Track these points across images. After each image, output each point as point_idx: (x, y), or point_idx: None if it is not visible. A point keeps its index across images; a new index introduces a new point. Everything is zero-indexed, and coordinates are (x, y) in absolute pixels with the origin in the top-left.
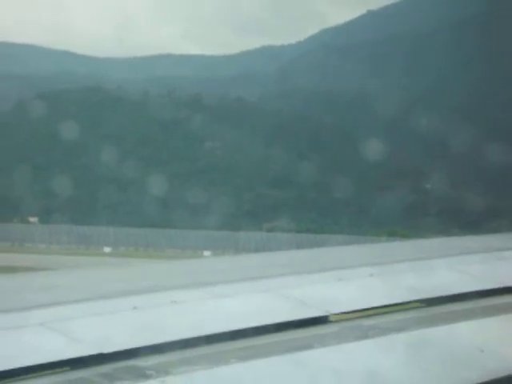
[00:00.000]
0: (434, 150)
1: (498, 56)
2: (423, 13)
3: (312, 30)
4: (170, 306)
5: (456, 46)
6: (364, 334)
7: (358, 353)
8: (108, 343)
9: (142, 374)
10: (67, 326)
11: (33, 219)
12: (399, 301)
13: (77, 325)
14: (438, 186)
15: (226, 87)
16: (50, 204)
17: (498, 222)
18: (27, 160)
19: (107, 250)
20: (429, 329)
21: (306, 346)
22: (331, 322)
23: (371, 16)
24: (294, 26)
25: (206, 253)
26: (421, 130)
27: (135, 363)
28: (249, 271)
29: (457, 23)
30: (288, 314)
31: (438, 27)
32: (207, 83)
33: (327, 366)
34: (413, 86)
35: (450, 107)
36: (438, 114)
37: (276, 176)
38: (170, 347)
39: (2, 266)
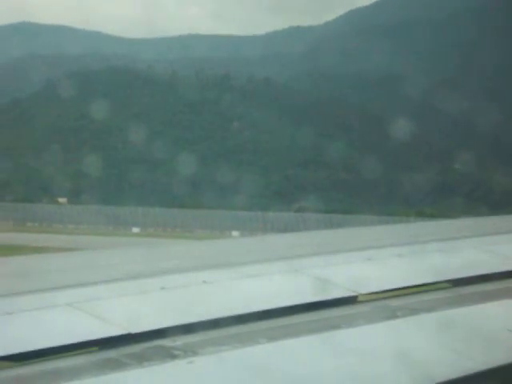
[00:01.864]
0: (462, 131)
1: None
2: None
3: (340, 10)
4: (199, 286)
5: (487, 28)
6: (392, 314)
7: (387, 333)
8: (136, 323)
9: (170, 354)
10: (95, 306)
11: (62, 200)
12: (428, 281)
13: (105, 305)
14: (468, 167)
15: (254, 67)
16: (79, 184)
17: None
18: (56, 140)
19: (135, 230)
20: (457, 309)
21: (335, 325)
22: (360, 301)
23: None
24: (322, 6)
25: (235, 233)
26: (449, 111)
27: (163, 343)
28: (278, 251)
29: (489, 4)
30: (317, 294)
31: (469, 8)
32: (235, 63)
33: (356, 346)
34: (441, 67)
35: (478, 89)
36: (466, 96)
37: (304, 156)
38: (198, 327)
39: (32, 246)
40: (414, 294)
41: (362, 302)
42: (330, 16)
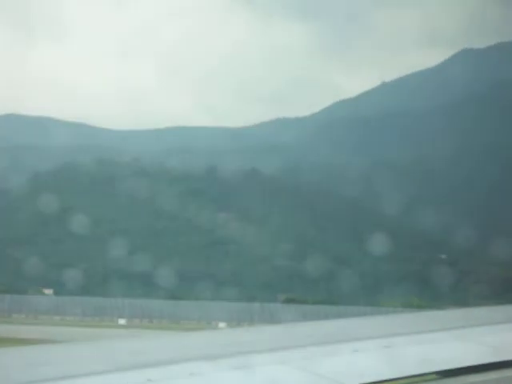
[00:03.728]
0: (449, 220)
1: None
2: (436, 85)
3: (326, 101)
4: (187, 379)
5: (470, 120)
6: None
7: None
8: None
9: None
10: None
11: (47, 291)
12: (415, 373)
13: None
14: (454, 257)
15: (241, 159)
16: (65, 275)
17: None
18: (42, 231)
19: (122, 321)
20: None
21: None
22: None
23: (385, 88)
24: (308, 97)
25: (221, 324)
26: (436, 200)
27: None
28: (264, 343)
29: (471, 97)
30: None
31: (452, 100)
32: (222, 154)
33: None
34: (428, 158)
35: (463, 177)
36: (451, 184)
37: (291, 247)
38: None
39: (17, 338)
40: None
41: None
42: (317, 107)
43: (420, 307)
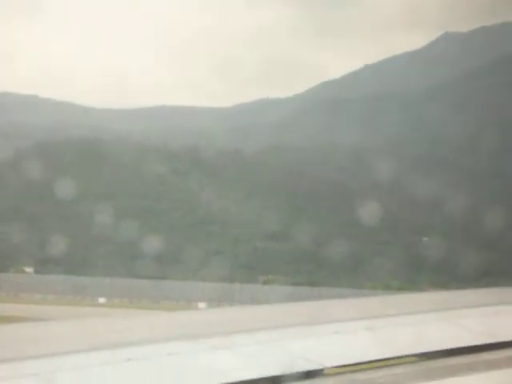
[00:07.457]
0: (430, 205)
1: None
2: (419, 68)
3: (309, 83)
4: (165, 358)
5: (453, 102)
6: None
7: None
8: None
9: None
10: (61, 377)
11: (28, 269)
12: (395, 355)
13: (70, 376)
14: (435, 240)
15: (223, 139)
16: (46, 255)
17: (494, 277)
18: (23, 210)
19: (102, 300)
20: (424, 383)
21: None
22: (326, 375)
23: (368, 70)
24: (290, 78)
25: (201, 304)
26: (416, 184)
27: None
28: (244, 323)
29: (454, 79)
30: (283, 367)
31: (433, 84)
32: (204, 135)
33: None
34: (408, 141)
35: (445, 161)
36: (432, 169)
37: (272, 229)
38: None
39: None
40: (381, 367)
41: (328, 375)
42: (300, 89)
43: (401, 289)
